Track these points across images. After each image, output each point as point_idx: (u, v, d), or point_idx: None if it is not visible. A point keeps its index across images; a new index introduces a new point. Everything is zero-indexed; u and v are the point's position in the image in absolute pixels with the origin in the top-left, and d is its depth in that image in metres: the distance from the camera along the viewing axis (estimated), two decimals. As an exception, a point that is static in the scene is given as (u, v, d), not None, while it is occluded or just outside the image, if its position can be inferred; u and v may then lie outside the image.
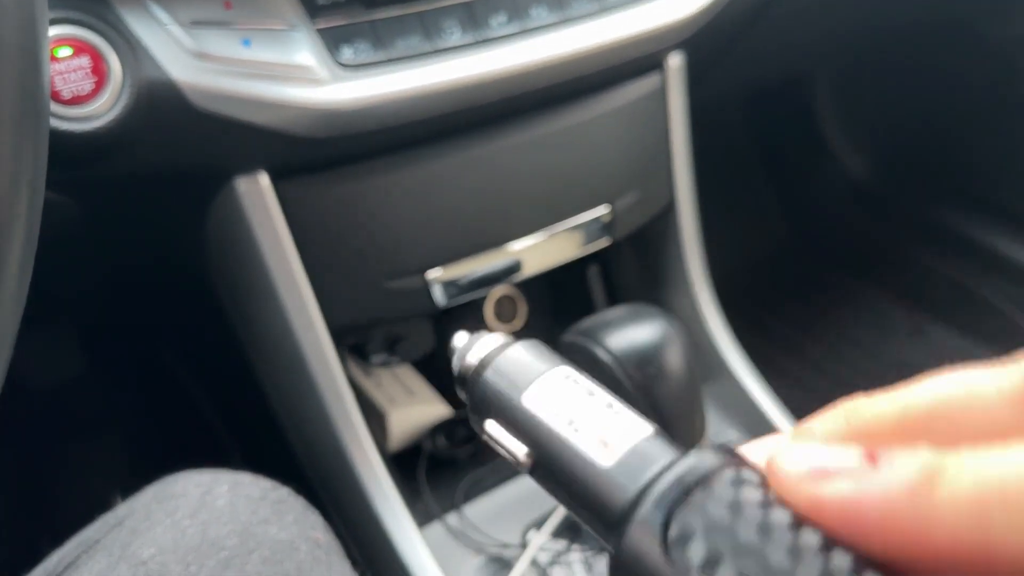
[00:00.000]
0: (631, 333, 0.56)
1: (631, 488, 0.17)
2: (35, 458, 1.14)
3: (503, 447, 0.20)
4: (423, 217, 0.61)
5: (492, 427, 0.20)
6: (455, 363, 0.21)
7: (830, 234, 1.47)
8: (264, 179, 0.56)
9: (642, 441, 0.18)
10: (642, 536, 0.16)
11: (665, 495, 0.16)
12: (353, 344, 0.70)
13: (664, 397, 0.54)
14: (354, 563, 0.48)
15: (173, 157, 0.52)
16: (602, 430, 0.18)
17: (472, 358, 0.21)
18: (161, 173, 0.53)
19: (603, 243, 0.70)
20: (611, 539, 0.17)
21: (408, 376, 0.81)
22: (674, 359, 0.55)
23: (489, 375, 0.20)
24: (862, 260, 1.41)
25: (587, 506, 0.18)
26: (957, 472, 0.14)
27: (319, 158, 0.57)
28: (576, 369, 0.21)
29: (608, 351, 0.55)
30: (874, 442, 0.16)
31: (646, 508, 0.16)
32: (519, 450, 0.19)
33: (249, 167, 0.55)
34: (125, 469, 1.18)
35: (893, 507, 0.14)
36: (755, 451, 0.18)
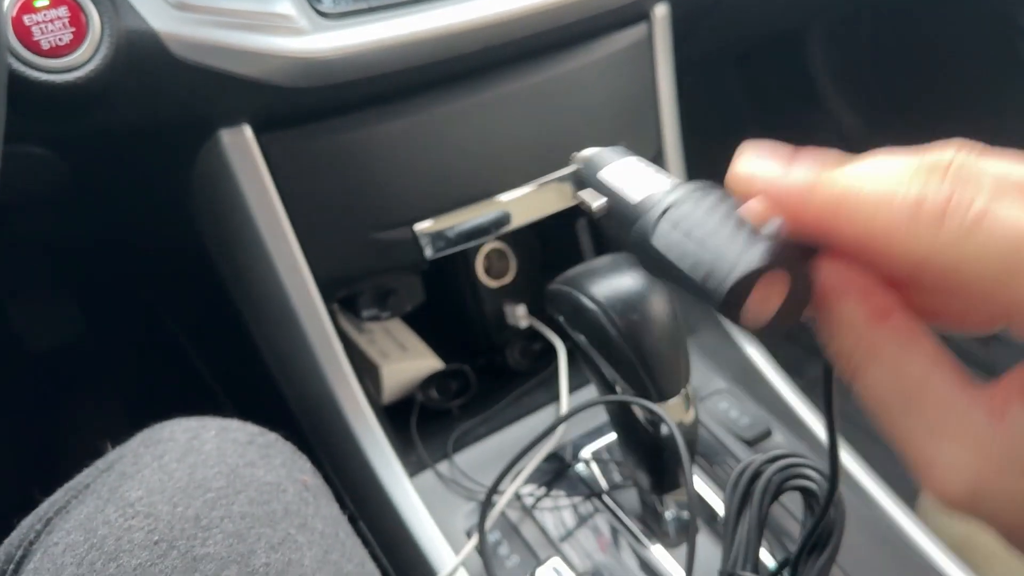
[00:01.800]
0: (616, 281, 0.56)
1: (642, 204, 0.27)
2: (34, 420, 1.16)
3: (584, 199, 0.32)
4: (409, 169, 0.61)
5: (587, 193, 0.32)
6: (578, 160, 0.34)
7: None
8: (248, 131, 0.56)
9: (661, 190, 0.27)
10: (643, 223, 0.26)
11: (661, 201, 0.26)
12: (344, 298, 0.71)
13: (648, 344, 0.55)
14: (343, 507, 0.49)
15: (155, 109, 0.52)
16: (639, 184, 0.28)
17: (586, 153, 0.34)
18: (144, 126, 0.53)
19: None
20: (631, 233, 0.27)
21: (399, 330, 0.82)
22: (658, 306, 0.56)
23: (585, 161, 0.34)
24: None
25: (625, 225, 0.28)
26: (831, 181, 0.21)
27: (303, 109, 0.57)
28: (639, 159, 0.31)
29: (592, 299, 0.56)
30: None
31: (649, 207, 0.26)
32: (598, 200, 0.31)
33: (232, 119, 0.56)
34: (125, 430, 1.19)
35: (790, 193, 0.22)
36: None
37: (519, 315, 0.79)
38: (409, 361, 0.77)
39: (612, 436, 0.69)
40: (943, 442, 0.21)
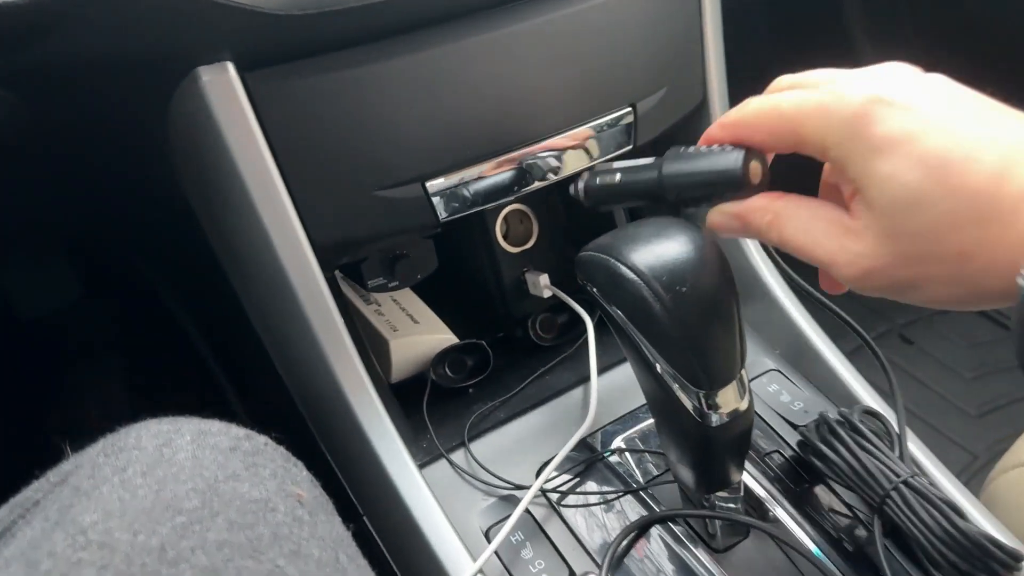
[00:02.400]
0: (659, 247, 0.48)
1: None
2: (25, 389, 1.10)
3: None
4: (420, 115, 0.53)
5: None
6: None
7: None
8: (231, 69, 0.48)
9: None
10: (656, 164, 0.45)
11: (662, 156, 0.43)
12: (346, 265, 0.63)
13: (699, 321, 0.47)
14: (348, 519, 0.42)
15: (118, 39, 0.44)
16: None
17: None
18: (106, 59, 0.45)
19: (623, 150, 0.62)
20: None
21: (409, 301, 0.74)
22: (710, 276, 0.47)
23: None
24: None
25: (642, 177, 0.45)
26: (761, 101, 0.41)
27: (293, 43, 0.49)
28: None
29: (633, 268, 0.47)
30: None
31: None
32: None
33: (212, 54, 0.47)
34: (123, 396, 1.13)
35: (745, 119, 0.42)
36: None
37: (542, 284, 0.71)
38: (420, 335, 0.69)
39: (647, 422, 0.61)
40: (837, 243, 0.38)
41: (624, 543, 0.52)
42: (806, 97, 0.40)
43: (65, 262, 1.01)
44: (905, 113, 0.37)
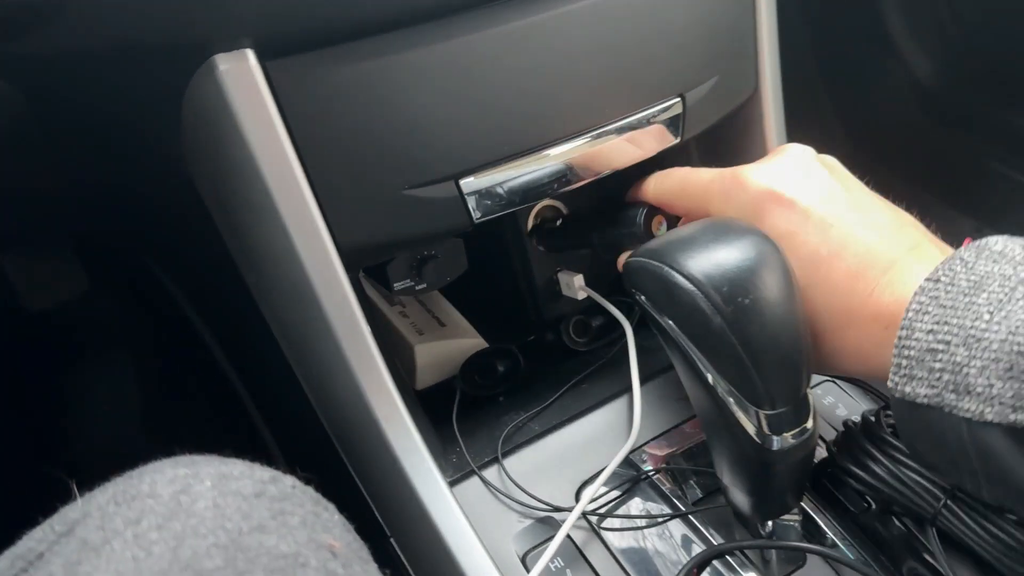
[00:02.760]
0: (718, 254, 0.44)
1: None
2: (32, 384, 1.07)
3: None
4: (452, 108, 0.49)
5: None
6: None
7: (892, 141, 1.33)
8: (250, 57, 0.44)
9: None
10: None
11: None
12: (371, 267, 0.59)
13: (762, 336, 0.42)
14: (375, 538, 0.38)
15: (129, 25, 0.40)
16: None
17: None
18: (111, 48, 0.41)
19: (669, 142, 0.57)
20: None
21: (435, 303, 0.70)
22: (774, 287, 0.43)
23: None
24: (926, 169, 1.27)
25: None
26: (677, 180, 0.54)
27: (318, 29, 0.45)
28: None
29: (688, 276, 0.43)
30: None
31: None
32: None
33: (230, 41, 0.43)
34: (135, 393, 1.10)
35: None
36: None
37: (576, 285, 0.66)
38: (447, 339, 0.65)
39: (694, 438, 0.57)
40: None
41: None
42: (715, 180, 0.51)
43: (72, 254, 0.97)
44: (790, 211, 0.47)
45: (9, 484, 0.97)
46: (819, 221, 0.46)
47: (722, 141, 0.65)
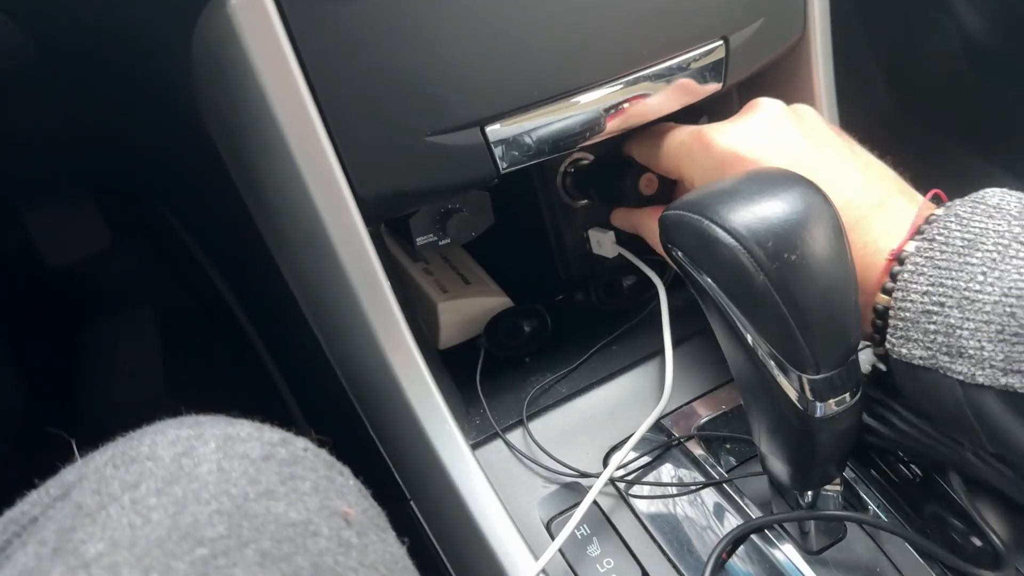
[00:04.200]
0: (762, 207, 0.40)
1: None
2: (61, 336, 1.07)
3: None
4: (478, 48, 0.45)
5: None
6: None
7: (940, 100, 1.27)
8: (263, -9, 0.41)
9: None
10: None
11: None
12: (393, 220, 0.56)
13: (809, 296, 0.39)
14: (395, 500, 0.36)
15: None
16: None
17: None
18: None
19: (710, 89, 0.54)
20: None
21: (460, 259, 0.68)
22: (823, 242, 0.40)
23: None
24: (975, 130, 1.22)
25: None
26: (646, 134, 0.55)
27: (336, -41, 0.41)
28: None
29: (730, 231, 0.40)
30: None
31: None
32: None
33: (241, -28, 0.40)
34: (156, 348, 1.09)
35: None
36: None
37: (608, 243, 0.63)
38: (471, 297, 0.63)
39: (730, 402, 0.54)
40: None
41: (718, 553, 0.45)
42: (683, 141, 0.51)
43: (94, 210, 0.95)
44: (750, 166, 0.46)
45: (29, 443, 0.98)
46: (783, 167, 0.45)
47: (767, 89, 0.61)
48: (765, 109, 0.50)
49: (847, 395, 0.42)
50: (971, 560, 0.45)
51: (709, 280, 0.42)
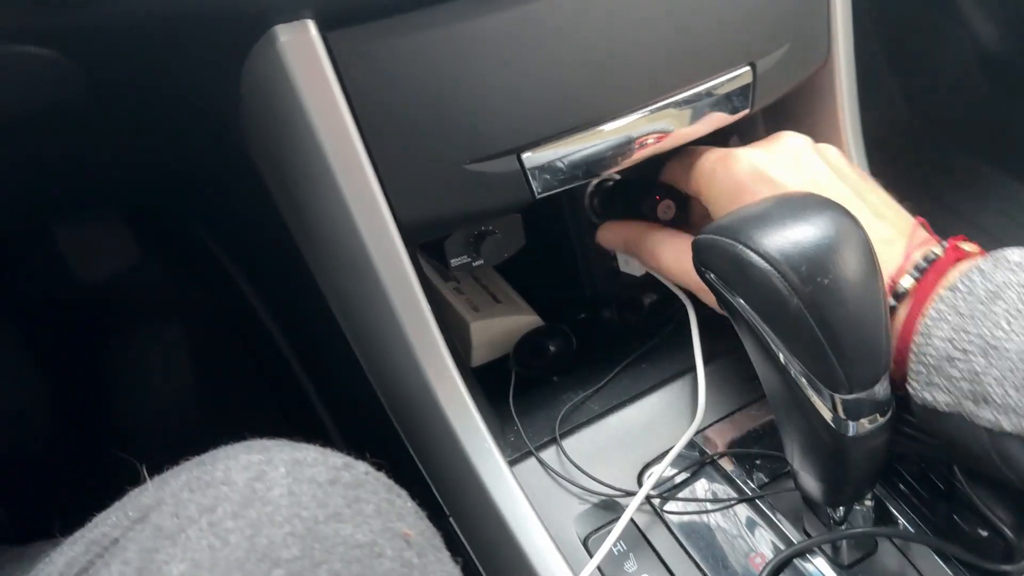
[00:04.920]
0: (794, 231, 0.42)
1: None
2: (91, 352, 1.09)
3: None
4: (515, 79, 0.47)
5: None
6: None
7: (955, 112, 1.28)
8: (311, 28, 0.43)
9: None
10: None
11: None
12: (427, 243, 0.58)
13: (841, 318, 0.40)
14: (434, 518, 0.37)
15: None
16: None
17: None
18: (170, 18, 0.40)
19: (738, 114, 0.55)
20: None
21: (490, 278, 0.69)
22: (855, 266, 0.41)
23: None
24: (991, 141, 1.22)
25: None
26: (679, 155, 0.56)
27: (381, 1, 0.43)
28: None
29: (764, 254, 0.41)
30: None
31: None
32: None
33: (291, 11, 0.42)
34: (186, 364, 1.11)
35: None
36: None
37: (634, 262, 0.65)
38: (502, 316, 0.64)
39: (761, 419, 0.55)
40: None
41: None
42: (708, 162, 0.51)
43: (124, 225, 0.97)
44: (772, 188, 0.47)
45: (64, 457, 0.99)
46: (774, 187, 0.47)
47: (791, 114, 0.62)
48: (790, 139, 0.51)
49: (878, 414, 0.44)
50: (990, 557, 0.46)
51: (743, 302, 0.43)
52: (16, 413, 1.03)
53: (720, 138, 0.56)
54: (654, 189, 0.58)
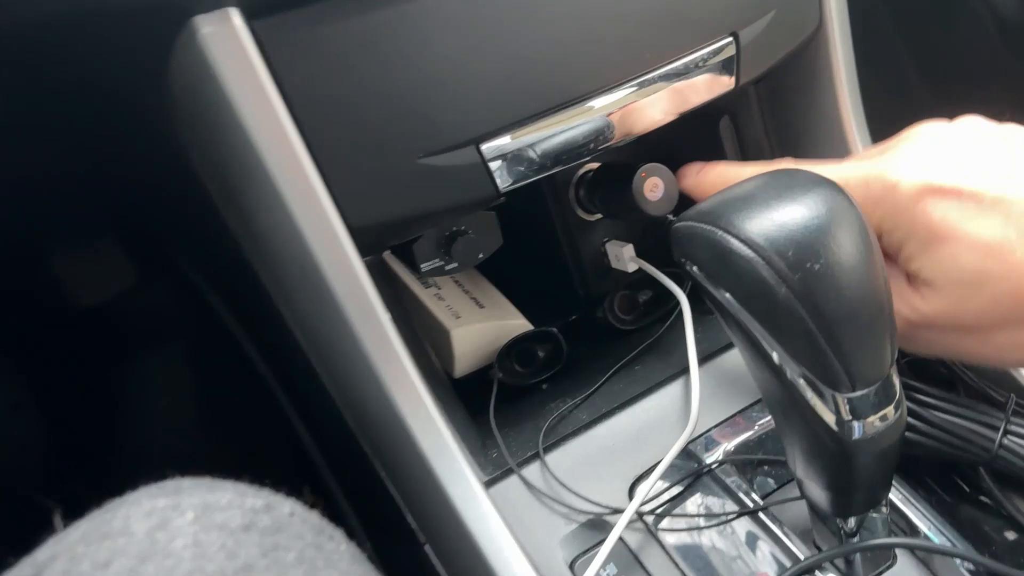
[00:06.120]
0: (780, 212, 0.37)
1: None
2: (92, 378, 1.07)
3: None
4: (468, 61, 0.43)
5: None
6: None
7: (972, 85, 1.22)
8: (235, 18, 0.39)
9: None
10: None
11: None
12: (398, 246, 0.54)
13: (837, 307, 0.36)
14: (410, 544, 0.33)
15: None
16: None
17: None
18: (78, 13, 0.37)
19: (721, 89, 0.50)
20: None
21: (473, 281, 0.65)
22: (850, 248, 0.36)
23: None
24: (1010, 111, 1.17)
25: None
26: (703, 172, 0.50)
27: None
28: None
29: (747, 241, 0.37)
30: None
31: None
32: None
33: (212, 0, 0.38)
34: (190, 385, 1.09)
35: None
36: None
37: (627, 257, 0.60)
38: (486, 321, 0.60)
39: (761, 422, 0.51)
40: (904, 305, 0.42)
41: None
42: (850, 177, 0.42)
43: (118, 248, 0.95)
44: (957, 201, 0.39)
45: (63, 486, 0.97)
46: (996, 199, 0.38)
47: (785, 86, 0.58)
48: (929, 131, 0.42)
49: (888, 410, 0.39)
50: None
51: (728, 295, 0.39)
52: (15, 447, 1.01)
53: (709, 120, 0.51)
54: (638, 166, 0.53)
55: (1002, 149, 0.40)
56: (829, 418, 0.38)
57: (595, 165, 0.60)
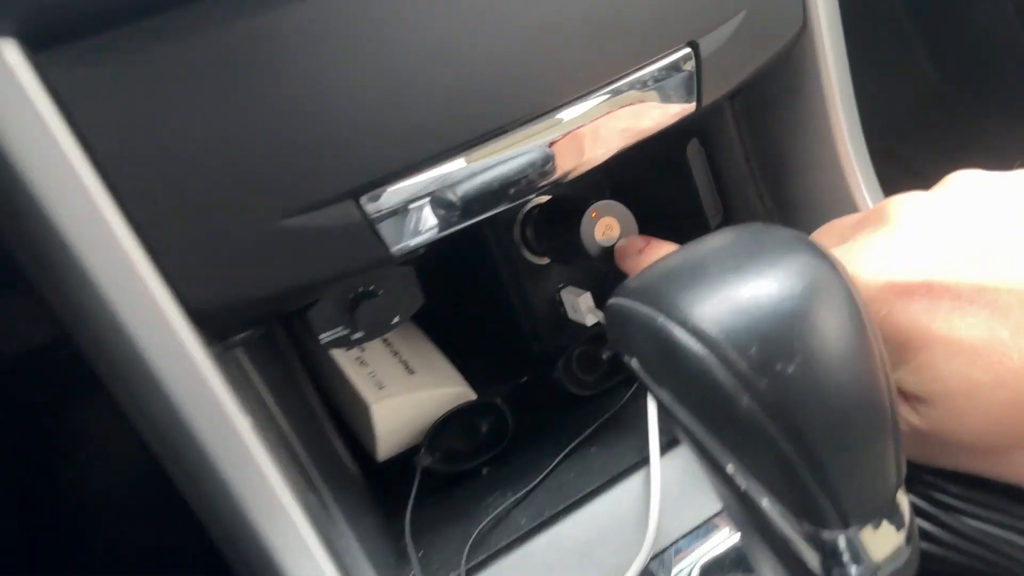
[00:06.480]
0: (738, 288, 0.27)
1: None
2: (30, 429, 0.99)
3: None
4: (338, 89, 0.33)
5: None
6: None
7: (991, 76, 1.12)
8: (10, 52, 0.29)
9: None
10: None
11: None
12: (291, 313, 0.44)
13: (816, 420, 0.26)
14: None
15: None
16: None
17: None
18: None
19: (679, 113, 0.40)
20: None
21: (406, 341, 0.55)
22: (833, 337, 0.26)
23: None
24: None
25: None
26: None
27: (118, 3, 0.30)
28: None
29: (695, 331, 0.27)
30: None
31: None
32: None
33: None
34: (124, 434, 1.01)
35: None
36: None
37: (584, 307, 0.50)
38: (415, 392, 0.50)
39: (726, 535, 0.41)
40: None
41: None
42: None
43: (33, 294, 0.86)
44: (927, 299, 0.29)
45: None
46: (974, 291, 0.29)
47: (766, 100, 0.47)
48: (903, 203, 0.32)
49: (900, 541, 0.29)
50: None
51: (675, 402, 0.29)
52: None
53: (674, 142, 0.41)
54: (589, 203, 0.43)
55: (992, 216, 0.30)
56: (812, 560, 0.28)
57: (545, 198, 0.50)
